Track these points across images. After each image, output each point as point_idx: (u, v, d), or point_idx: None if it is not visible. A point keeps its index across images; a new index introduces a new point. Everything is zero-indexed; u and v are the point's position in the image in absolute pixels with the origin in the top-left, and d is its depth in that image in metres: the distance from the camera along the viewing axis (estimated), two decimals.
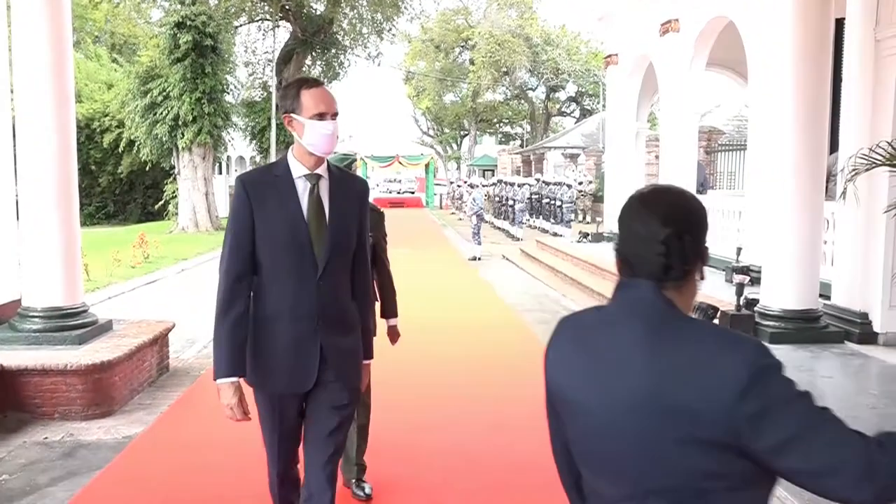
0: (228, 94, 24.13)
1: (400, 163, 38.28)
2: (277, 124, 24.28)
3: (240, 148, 28.90)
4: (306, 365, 2.39)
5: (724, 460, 1.14)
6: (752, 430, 1.11)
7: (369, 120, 52.42)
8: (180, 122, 21.42)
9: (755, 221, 8.27)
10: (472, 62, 43.70)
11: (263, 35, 27.41)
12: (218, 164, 27.19)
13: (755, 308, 6.13)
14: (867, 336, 5.80)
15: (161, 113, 21.57)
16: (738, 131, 19.05)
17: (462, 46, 46.48)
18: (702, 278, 1.28)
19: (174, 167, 23.05)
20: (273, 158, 24.43)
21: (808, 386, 4.35)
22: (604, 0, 15.40)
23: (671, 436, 1.15)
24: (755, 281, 6.82)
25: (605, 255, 12.18)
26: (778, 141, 6.01)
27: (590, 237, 14.19)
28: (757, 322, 6.00)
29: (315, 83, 2.40)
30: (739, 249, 8.57)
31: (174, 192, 23.76)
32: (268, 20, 26.34)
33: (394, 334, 3.78)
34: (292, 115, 2.36)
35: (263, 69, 28.00)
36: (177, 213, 23.24)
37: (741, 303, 6.15)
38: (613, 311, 1.28)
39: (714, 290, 7.88)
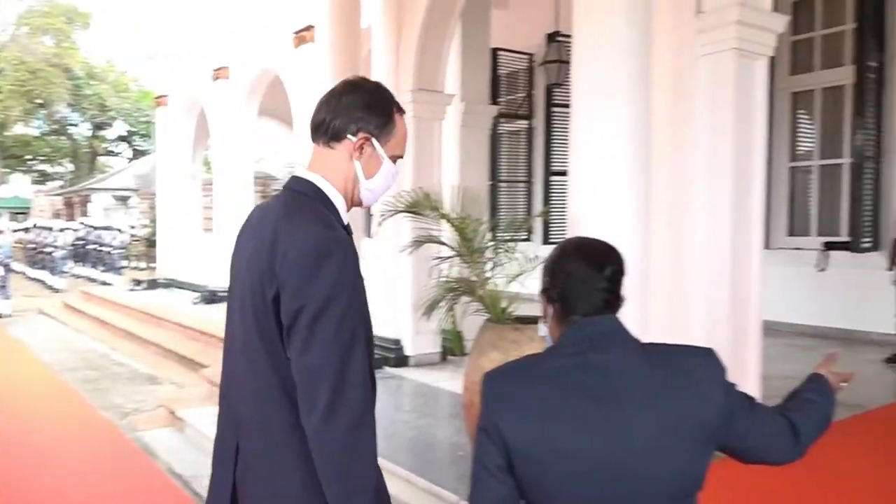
0: None
1: None
2: None
3: None
4: None
5: (707, 456, 1.30)
6: (732, 421, 1.31)
7: None
8: None
9: None
10: None
11: None
12: None
13: None
14: (401, 360, 6.61)
15: None
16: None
17: None
18: None
19: None
20: None
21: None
22: (152, 39, 14.92)
23: (688, 443, 1.26)
24: None
25: (161, 302, 11.60)
26: None
27: (144, 284, 13.38)
28: None
29: (403, 110, 1.64)
30: None
31: None
32: None
33: None
34: (375, 140, 1.56)
35: None
36: None
37: None
38: (582, 349, 1.30)
39: None
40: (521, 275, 4.17)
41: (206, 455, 5.18)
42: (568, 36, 3.97)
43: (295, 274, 1.41)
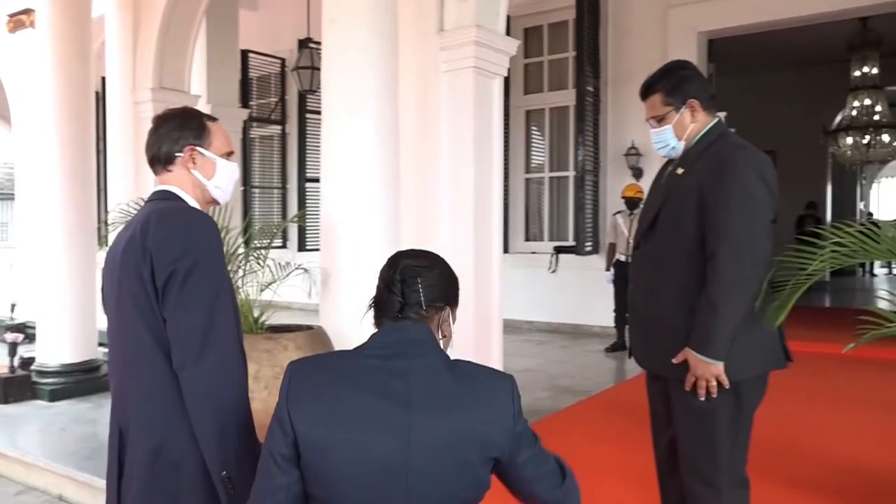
0: None
1: None
2: None
3: None
4: None
5: (488, 474, 1.37)
6: (518, 446, 1.38)
7: None
8: None
9: (29, 275, 7.83)
10: None
11: None
12: None
13: (31, 367, 5.77)
14: None
15: None
16: (9, 179, 17.79)
17: None
18: (444, 335, 1.45)
19: None
20: None
21: (92, 437, 4.31)
22: None
23: (472, 457, 1.31)
24: (33, 338, 6.43)
25: None
26: (46, 192, 5.84)
27: None
28: (34, 381, 5.66)
29: (213, 118, 1.93)
30: (14, 306, 7.95)
31: None
32: None
33: None
34: (199, 148, 1.84)
35: None
36: None
37: (15, 363, 5.71)
38: (392, 352, 1.34)
39: None
40: (274, 283, 4.09)
41: None
42: (320, 42, 3.99)
43: (166, 245, 1.66)
